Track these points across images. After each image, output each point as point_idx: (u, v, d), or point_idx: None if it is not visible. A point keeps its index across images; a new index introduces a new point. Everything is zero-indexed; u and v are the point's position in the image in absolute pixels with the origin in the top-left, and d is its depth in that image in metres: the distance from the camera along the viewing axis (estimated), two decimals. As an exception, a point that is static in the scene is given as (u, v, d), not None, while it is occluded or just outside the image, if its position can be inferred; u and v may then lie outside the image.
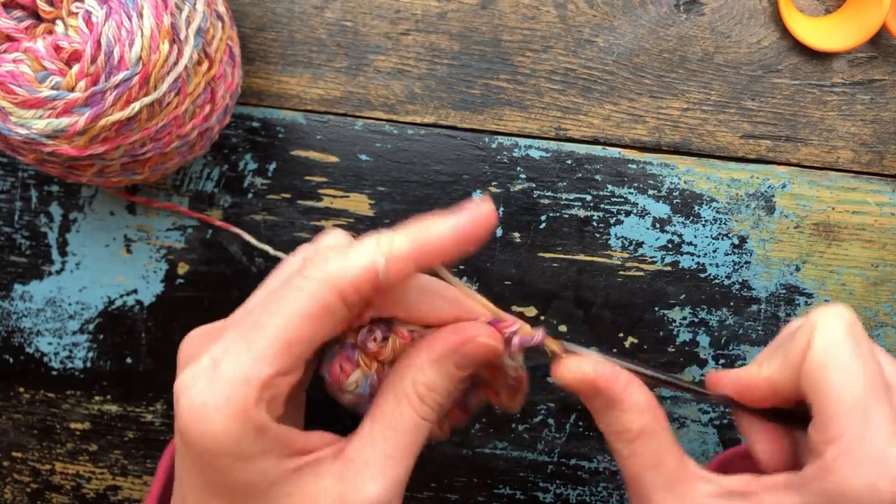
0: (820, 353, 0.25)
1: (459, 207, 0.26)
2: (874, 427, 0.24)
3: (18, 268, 0.41)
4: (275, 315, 0.25)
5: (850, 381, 0.25)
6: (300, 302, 0.25)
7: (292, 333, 0.24)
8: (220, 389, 0.24)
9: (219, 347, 0.25)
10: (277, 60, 0.40)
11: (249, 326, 0.25)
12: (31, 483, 0.43)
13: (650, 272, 0.41)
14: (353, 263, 0.25)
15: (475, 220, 0.26)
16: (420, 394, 0.27)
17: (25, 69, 0.30)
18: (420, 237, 0.26)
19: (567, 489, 0.43)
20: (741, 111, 0.41)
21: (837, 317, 0.26)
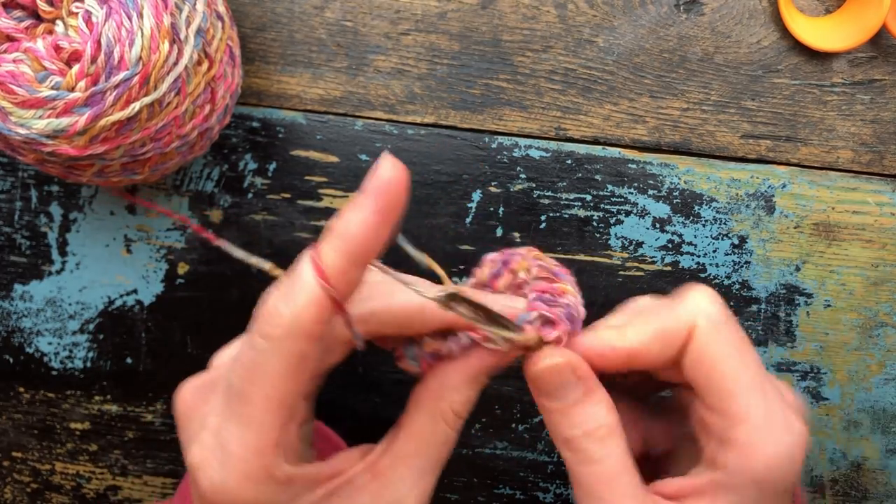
0: (709, 339, 0.25)
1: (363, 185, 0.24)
2: (772, 401, 0.25)
3: (18, 268, 0.41)
4: (257, 384, 0.24)
5: (743, 364, 0.25)
6: (275, 364, 0.24)
7: (281, 395, 0.24)
8: (236, 469, 0.24)
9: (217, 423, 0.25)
10: (277, 60, 0.40)
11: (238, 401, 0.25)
12: (31, 483, 0.43)
13: (650, 272, 0.41)
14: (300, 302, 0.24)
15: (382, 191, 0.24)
16: (456, 411, 0.28)
17: (25, 69, 0.30)
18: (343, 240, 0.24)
19: (567, 489, 0.43)
20: (741, 111, 0.41)
21: (713, 300, 0.26)
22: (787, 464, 0.25)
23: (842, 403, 0.43)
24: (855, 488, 0.45)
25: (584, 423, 0.27)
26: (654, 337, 0.27)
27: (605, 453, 0.26)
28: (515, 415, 0.42)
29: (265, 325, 0.24)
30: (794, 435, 0.25)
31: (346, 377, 0.42)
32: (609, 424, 0.26)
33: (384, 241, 0.25)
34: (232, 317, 0.42)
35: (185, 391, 0.28)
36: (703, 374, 0.25)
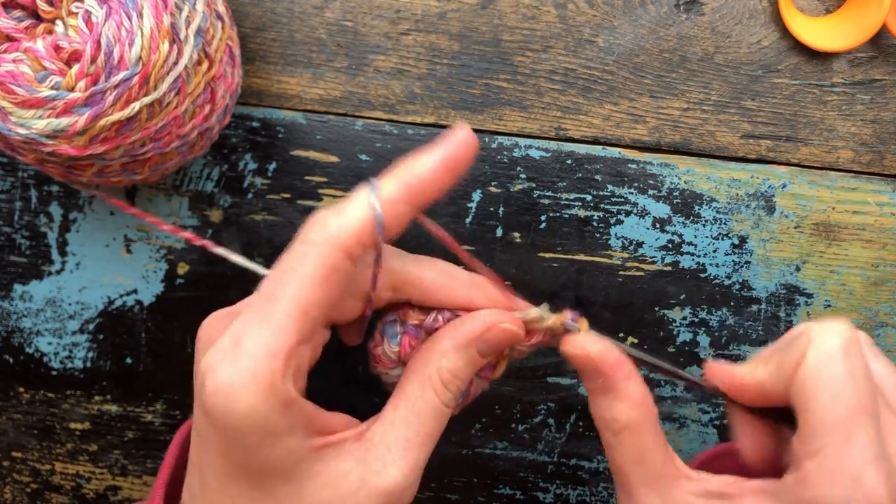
0: (811, 367, 0.25)
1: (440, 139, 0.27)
2: (855, 448, 0.24)
3: (18, 268, 0.41)
4: (287, 285, 0.25)
5: (836, 399, 0.25)
6: (308, 267, 0.25)
7: (307, 299, 0.25)
8: (244, 366, 0.24)
9: (238, 325, 0.25)
10: (277, 60, 0.40)
11: (264, 300, 0.25)
12: (30, 483, 0.43)
13: (650, 272, 0.41)
14: (350, 218, 0.25)
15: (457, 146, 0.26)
16: (444, 380, 0.28)
17: (25, 69, 0.30)
18: (407, 176, 0.26)
19: (567, 489, 0.43)
20: (741, 111, 0.41)
21: (834, 332, 0.26)
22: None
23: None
24: (855, 488, 0.45)
25: (604, 410, 0.28)
26: (775, 369, 0.27)
27: (624, 441, 0.27)
28: (515, 415, 0.42)
29: (309, 231, 0.25)
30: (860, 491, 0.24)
31: (346, 377, 0.42)
32: (625, 419, 0.27)
33: (441, 191, 0.27)
34: (232, 317, 0.42)
35: (209, 319, 0.29)
36: (799, 403, 0.26)
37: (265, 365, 0.24)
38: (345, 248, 0.25)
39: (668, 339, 0.42)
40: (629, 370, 0.28)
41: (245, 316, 0.25)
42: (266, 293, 0.25)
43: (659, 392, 0.42)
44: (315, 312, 0.25)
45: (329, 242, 0.25)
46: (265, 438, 0.24)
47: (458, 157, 0.26)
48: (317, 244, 0.25)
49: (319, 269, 0.25)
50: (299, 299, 0.25)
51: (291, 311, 0.25)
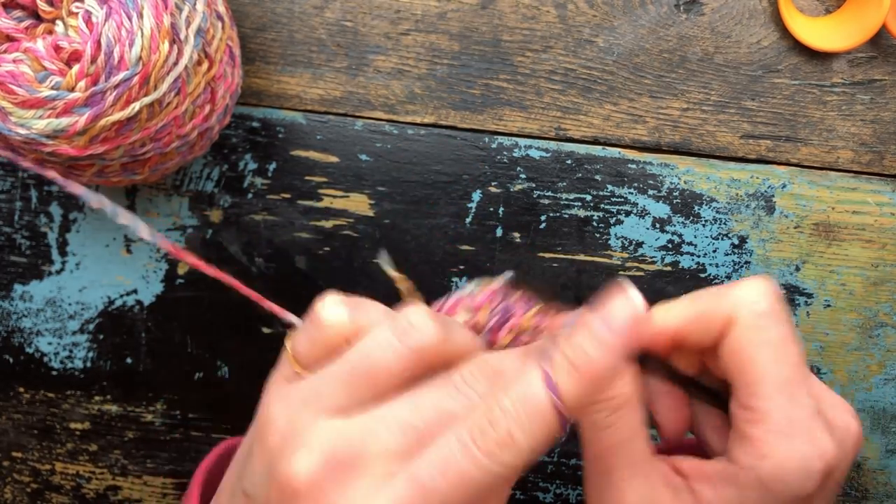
0: (747, 330, 0.25)
1: (609, 309, 0.24)
2: (800, 407, 0.24)
3: (18, 268, 0.41)
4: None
5: (779, 360, 0.24)
6: (486, 488, 0.22)
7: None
8: None
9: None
10: (277, 60, 0.40)
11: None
12: (31, 483, 0.43)
13: (650, 272, 0.41)
14: (540, 438, 0.23)
15: (631, 333, 0.24)
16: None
17: (25, 69, 0.30)
18: (583, 378, 0.23)
19: (567, 489, 0.43)
20: (741, 111, 0.41)
21: (765, 291, 0.25)
22: (799, 474, 0.24)
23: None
24: (855, 488, 0.45)
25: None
26: (696, 318, 0.26)
27: (617, 421, 0.26)
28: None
29: (496, 447, 0.22)
30: (815, 447, 0.24)
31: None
32: (624, 395, 0.25)
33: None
34: (232, 317, 0.42)
35: (306, 469, 0.22)
36: (736, 366, 0.25)
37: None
38: (530, 461, 0.24)
39: (667, 339, 0.42)
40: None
41: None
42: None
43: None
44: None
45: (519, 466, 0.23)
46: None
47: (634, 340, 0.24)
48: (505, 467, 0.23)
49: (502, 490, 0.24)
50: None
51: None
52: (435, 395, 0.23)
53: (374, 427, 0.22)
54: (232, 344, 0.42)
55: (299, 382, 0.24)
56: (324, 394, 0.23)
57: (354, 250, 0.41)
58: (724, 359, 0.25)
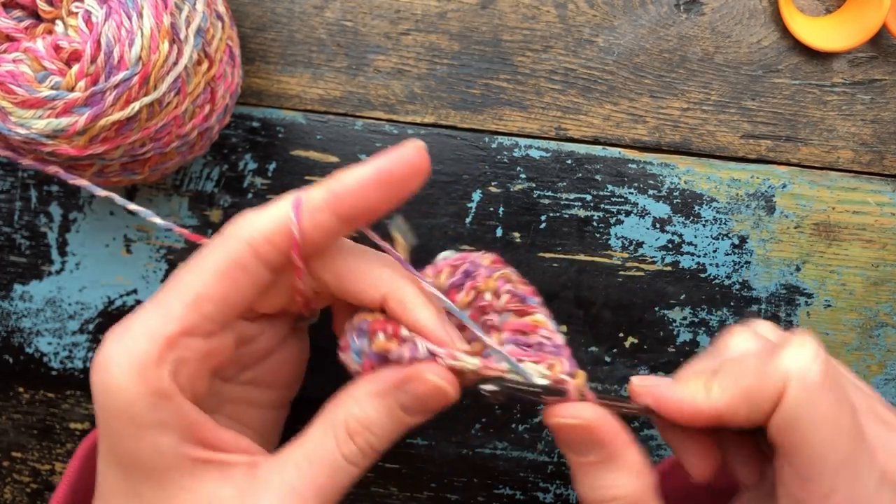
0: (798, 404, 0.23)
1: (384, 152, 0.24)
2: (864, 479, 0.23)
3: (18, 268, 0.41)
4: (188, 274, 0.24)
5: (836, 436, 0.23)
6: (213, 259, 0.24)
7: (202, 290, 0.23)
8: (124, 345, 0.23)
9: (137, 309, 0.24)
10: (277, 60, 0.40)
11: (165, 288, 0.24)
12: (30, 483, 0.43)
13: (650, 272, 0.41)
14: (266, 218, 0.24)
15: (398, 161, 0.24)
16: (350, 429, 0.25)
17: (25, 69, 0.30)
18: (337, 185, 0.24)
19: (567, 489, 0.43)
20: (741, 111, 0.41)
21: (813, 359, 0.23)
22: None
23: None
24: (855, 488, 0.45)
25: (601, 488, 0.24)
26: (741, 399, 0.24)
27: None
28: (515, 415, 0.42)
29: (226, 226, 0.24)
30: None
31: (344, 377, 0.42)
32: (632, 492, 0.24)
33: (376, 208, 0.24)
34: (232, 317, 0.42)
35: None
36: (790, 442, 0.23)
37: (140, 345, 0.23)
38: (253, 245, 0.24)
39: (668, 339, 0.42)
40: (627, 435, 0.25)
41: (147, 302, 0.24)
42: (169, 281, 0.24)
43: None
44: (209, 307, 0.24)
45: (238, 237, 0.24)
46: (129, 426, 0.23)
47: (396, 173, 0.24)
48: (228, 237, 0.24)
49: (221, 262, 0.24)
50: (195, 288, 0.24)
51: (184, 298, 0.23)
52: None
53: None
54: (232, 344, 0.42)
55: None
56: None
57: (354, 250, 0.41)
58: (776, 434, 0.24)
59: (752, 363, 0.25)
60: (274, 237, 0.24)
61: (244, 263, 0.24)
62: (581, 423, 0.24)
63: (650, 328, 0.42)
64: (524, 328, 0.27)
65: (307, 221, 0.24)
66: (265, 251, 0.24)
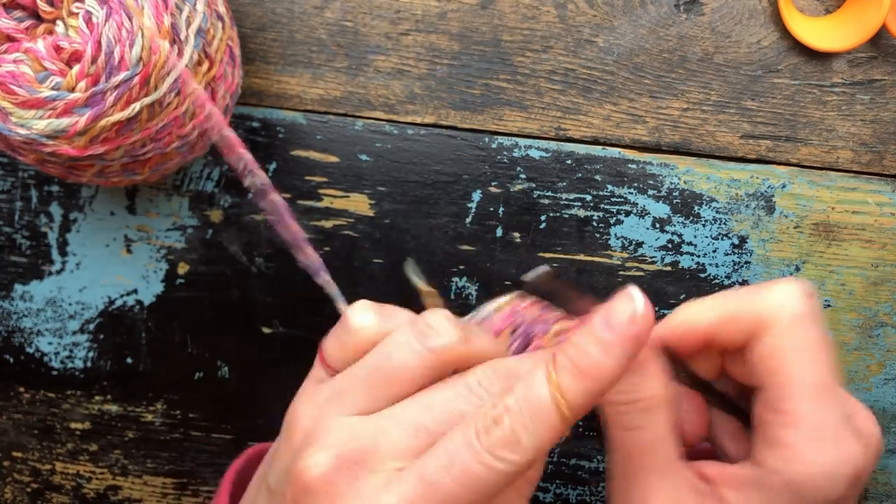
0: (784, 332, 0.24)
1: (613, 313, 0.22)
2: (832, 413, 0.24)
3: (18, 268, 0.41)
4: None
5: (813, 364, 0.24)
6: (494, 487, 0.22)
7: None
8: None
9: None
10: (277, 60, 0.40)
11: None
12: (31, 483, 0.43)
13: (650, 272, 0.41)
14: (545, 440, 0.22)
15: (638, 340, 0.22)
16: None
17: (26, 69, 0.30)
18: (590, 385, 0.22)
19: (567, 489, 0.43)
20: (741, 111, 0.41)
21: (802, 293, 0.25)
22: (827, 480, 0.24)
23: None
24: (855, 488, 0.45)
25: (631, 391, 0.25)
26: (727, 318, 0.26)
27: (647, 422, 0.25)
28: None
29: (500, 445, 0.22)
30: (842, 453, 0.24)
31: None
32: (655, 396, 0.25)
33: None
34: (232, 317, 0.42)
35: (318, 466, 0.23)
36: (768, 368, 0.25)
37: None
38: (537, 463, 0.24)
39: (667, 338, 0.42)
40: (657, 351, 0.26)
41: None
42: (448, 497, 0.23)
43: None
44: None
45: (524, 467, 0.22)
46: None
47: (640, 346, 0.23)
48: (512, 465, 0.22)
49: (508, 489, 0.23)
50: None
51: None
52: (447, 395, 0.23)
53: (387, 426, 0.23)
54: (232, 344, 0.42)
55: (326, 383, 0.25)
56: (345, 394, 0.24)
57: (354, 250, 0.41)
58: (755, 360, 0.25)
59: (741, 291, 0.26)
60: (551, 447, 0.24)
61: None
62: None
63: (650, 328, 0.42)
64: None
65: (576, 418, 0.23)
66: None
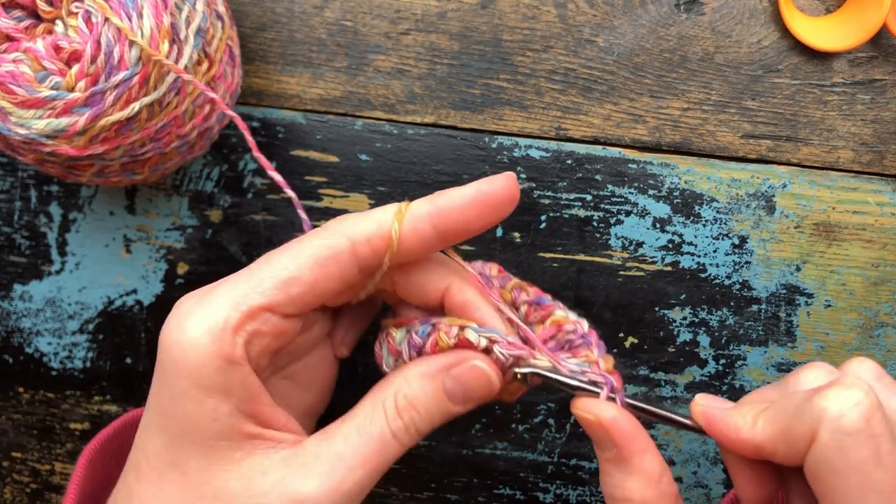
0: (829, 451, 0.22)
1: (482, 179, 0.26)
2: None
3: (18, 268, 0.41)
4: (284, 256, 0.25)
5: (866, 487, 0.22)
6: (311, 246, 0.25)
7: (296, 272, 0.25)
8: (204, 307, 0.24)
9: (221, 281, 0.25)
10: (277, 60, 0.40)
11: (256, 265, 0.25)
12: (30, 483, 0.43)
13: (650, 272, 0.41)
14: (370, 221, 0.25)
15: (493, 187, 0.26)
16: (399, 405, 0.26)
17: (25, 69, 0.30)
18: (442, 200, 0.26)
19: (567, 489, 0.43)
20: (741, 111, 0.41)
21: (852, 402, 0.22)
22: None
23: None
24: (855, 488, 0.45)
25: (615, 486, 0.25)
26: (780, 435, 0.24)
27: None
28: (515, 415, 0.42)
29: (332, 222, 0.25)
30: None
31: (347, 377, 0.42)
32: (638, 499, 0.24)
33: (470, 227, 0.26)
34: (232, 317, 0.42)
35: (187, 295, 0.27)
36: (821, 487, 0.23)
37: (222, 311, 0.24)
38: (353, 241, 0.25)
39: (668, 339, 0.42)
40: (645, 442, 0.25)
41: (236, 274, 0.26)
42: (260, 260, 0.26)
43: (658, 392, 0.42)
44: (297, 289, 0.25)
45: (341, 233, 0.25)
46: (193, 387, 0.23)
47: (492, 196, 0.26)
48: (330, 230, 0.25)
49: (321, 251, 0.25)
50: (288, 269, 0.25)
51: (274, 276, 0.24)
52: None
53: None
54: (232, 344, 0.42)
55: None
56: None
57: (354, 250, 0.41)
58: (809, 476, 0.23)
59: (798, 399, 0.24)
60: (373, 239, 0.26)
61: (341, 258, 0.25)
62: (595, 420, 0.25)
63: (650, 328, 0.42)
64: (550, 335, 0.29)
65: (408, 230, 0.26)
66: (362, 251, 0.26)
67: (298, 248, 0.25)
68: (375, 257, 0.26)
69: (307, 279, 0.25)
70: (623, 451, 0.25)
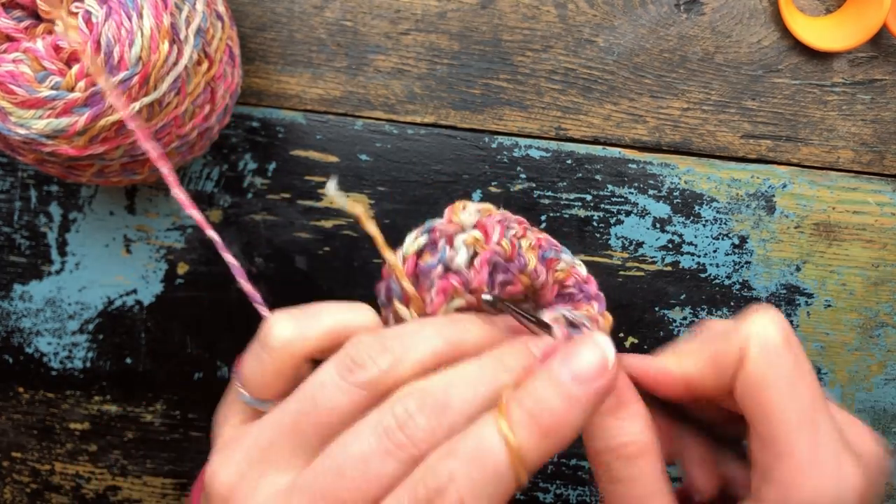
0: (760, 365, 0.24)
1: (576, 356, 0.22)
2: (824, 439, 0.23)
3: (18, 268, 0.41)
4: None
5: (795, 395, 0.23)
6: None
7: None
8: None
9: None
10: (277, 60, 0.40)
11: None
12: (30, 483, 0.43)
13: (650, 272, 0.41)
14: (491, 488, 0.20)
15: (600, 395, 0.22)
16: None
17: (25, 69, 0.30)
18: (544, 436, 0.22)
19: (567, 489, 0.43)
20: (741, 111, 0.40)
21: (773, 324, 0.24)
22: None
23: (842, 403, 0.43)
24: (855, 488, 0.45)
25: (610, 437, 0.24)
26: (708, 363, 0.25)
27: (635, 473, 0.24)
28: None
29: (464, 480, 0.20)
30: (843, 479, 0.23)
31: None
32: (641, 442, 0.24)
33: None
34: (232, 317, 0.41)
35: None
36: (752, 403, 0.24)
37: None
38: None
39: (668, 339, 0.42)
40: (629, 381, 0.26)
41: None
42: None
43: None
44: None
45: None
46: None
47: (601, 401, 0.23)
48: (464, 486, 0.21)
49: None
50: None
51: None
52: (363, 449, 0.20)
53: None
54: (232, 344, 0.42)
55: (248, 433, 0.23)
56: (269, 450, 0.22)
57: (354, 250, 0.41)
58: (739, 397, 0.24)
59: (718, 332, 0.26)
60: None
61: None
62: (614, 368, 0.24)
63: (650, 328, 0.42)
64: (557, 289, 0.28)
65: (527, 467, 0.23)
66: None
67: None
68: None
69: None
70: (623, 394, 0.25)
